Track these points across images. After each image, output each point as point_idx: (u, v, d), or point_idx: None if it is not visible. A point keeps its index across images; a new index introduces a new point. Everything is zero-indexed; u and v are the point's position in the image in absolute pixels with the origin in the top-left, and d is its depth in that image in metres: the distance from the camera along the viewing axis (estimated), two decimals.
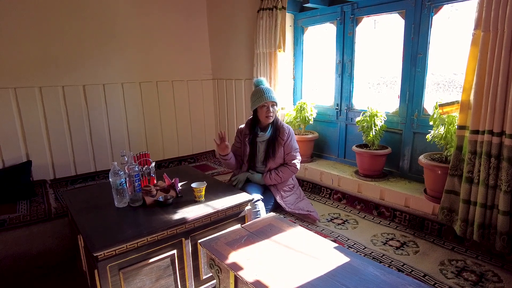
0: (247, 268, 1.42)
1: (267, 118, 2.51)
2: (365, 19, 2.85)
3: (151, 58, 3.74)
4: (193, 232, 1.88)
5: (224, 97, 4.10)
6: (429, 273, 1.81)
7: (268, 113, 2.49)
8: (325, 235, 2.22)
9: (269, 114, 2.49)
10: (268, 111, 2.48)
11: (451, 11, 2.44)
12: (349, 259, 1.49)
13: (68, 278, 2.36)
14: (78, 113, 3.35)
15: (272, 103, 2.48)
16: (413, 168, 2.64)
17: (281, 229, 1.77)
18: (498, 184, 1.83)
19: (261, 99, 2.46)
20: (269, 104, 2.47)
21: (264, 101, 2.46)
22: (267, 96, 2.45)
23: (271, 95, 2.47)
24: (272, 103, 2.48)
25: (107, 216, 1.90)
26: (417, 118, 2.55)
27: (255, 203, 2.28)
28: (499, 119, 1.80)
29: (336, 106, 3.12)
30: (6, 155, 3.02)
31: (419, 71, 2.48)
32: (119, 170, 1.95)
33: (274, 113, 2.52)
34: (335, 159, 3.22)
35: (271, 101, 2.46)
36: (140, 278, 1.70)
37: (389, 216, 2.44)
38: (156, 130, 3.92)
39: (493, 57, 1.79)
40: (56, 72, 3.18)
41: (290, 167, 2.51)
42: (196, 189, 2.04)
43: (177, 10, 3.83)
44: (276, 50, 3.12)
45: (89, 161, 3.48)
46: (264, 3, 3.14)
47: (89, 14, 3.28)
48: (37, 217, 2.51)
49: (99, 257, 1.55)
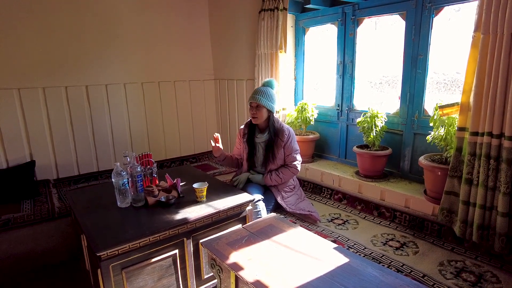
0: (248, 268, 1.44)
1: (252, 118, 2.52)
2: (366, 20, 2.86)
3: (153, 58, 3.76)
4: (195, 232, 1.90)
5: (225, 98, 4.12)
6: (428, 273, 1.83)
7: (251, 113, 2.49)
8: (325, 236, 2.23)
9: (253, 115, 2.49)
10: (251, 111, 2.49)
11: (452, 12, 2.45)
12: (349, 259, 1.50)
13: (71, 277, 2.39)
14: (81, 113, 3.38)
15: (256, 103, 2.45)
16: (414, 169, 2.65)
17: (281, 229, 1.78)
18: (497, 186, 1.84)
19: (249, 97, 2.51)
20: (253, 104, 2.47)
21: (249, 101, 2.49)
22: (253, 96, 2.47)
23: (257, 96, 2.45)
24: (256, 103, 2.45)
25: (109, 216, 1.92)
26: (417, 119, 2.56)
27: (256, 203, 2.30)
28: (498, 121, 1.81)
29: (337, 106, 3.13)
30: (10, 155, 3.05)
31: (419, 72, 2.49)
32: (122, 171, 1.97)
33: (259, 115, 2.47)
34: (336, 160, 3.24)
35: (254, 101, 2.45)
36: (143, 278, 1.72)
37: (389, 216, 2.46)
38: (158, 130, 3.95)
39: (492, 59, 1.80)
40: (59, 73, 3.21)
41: (290, 168, 2.53)
42: (197, 189, 2.06)
43: (179, 11, 3.85)
44: (277, 51, 3.14)
45: (92, 161, 3.51)
46: (265, 4, 3.15)
47: (92, 15, 3.31)
48: (41, 217, 2.54)
49: (102, 257, 1.57)
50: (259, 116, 2.48)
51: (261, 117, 2.49)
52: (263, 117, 2.50)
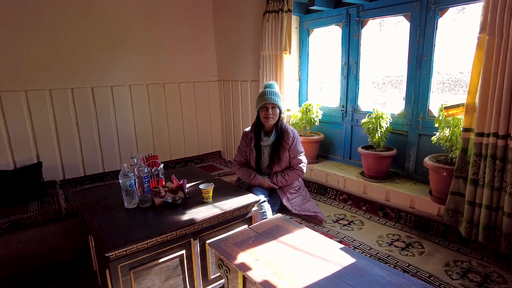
0: (255, 268, 1.46)
1: (266, 120, 2.51)
2: (371, 21, 2.86)
3: (158, 60, 3.78)
4: (202, 233, 1.92)
5: (230, 99, 4.14)
6: (434, 274, 1.83)
7: (267, 114, 2.49)
8: (331, 236, 2.24)
9: (268, 116, 2.49)
10: (267, 113, 2.49)
11: (457, 13, 2.45)
12: (355, 260, 1.51)
13: (79, 277, 2.41)
14: (87, 114, 3.40)
15: (272, 104, 2.47)
16: (419, 170, 2.65)
17: (287, 230, 1.80)
18: (503, 186, 1.85)
19: (262, 99, 2.49)
20: (269, 105, 2.47)
21: (264, 102, 2.48)
22: (268, 97, 2.46)
23: (272, 97, 2.47)
24: (272, 104, 2.47)
25: (117, 217, 1.93)
26: (422, 120, 2.56)
27: (262, 204, 2.31)
28: (504, 121, 1.81)
29: (342, 107, 3.14)
30: (17, 157, 3.08)
31: (424, 73, 2.50)
32: (129, 172, 1.99)
33: (274, 116, 2.51)
34: (340, 160, 3.24)
35: (271, 102, 2.46)
36: (150, 278, 1.74)
37: (394, 217, 2.46)
38: (163, 131, 3.97)
39: (498, 60, 1.80)
40: (65, 75, 3.23)
41: (296, 170, 2.54)
42: (204, 190, 2.07)
43: (184, 13, 3.87)
44: (282, 52, 3.15)
45: (98, 162, 3.54)
46: (270, 6, 3.17)
47: (98, 18, 3.34)
48: (48, 217, 2.57)
49: (111, 257, 1.59)
50: (274, 117, 2.51)
51: (275, 117, 2.53)
52: (276, 117, 2.53)
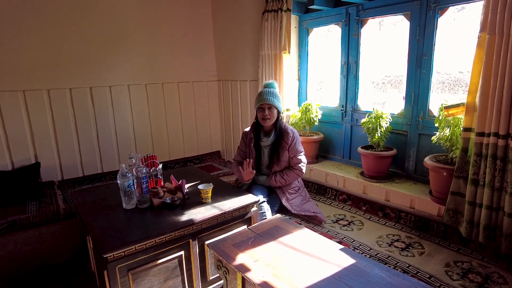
0: (254, 269, 1.45)
1: (263, 121, 2.49)
2: (370, 20, 2.85)
3: (157, 60, 3.77)
4: (200, 234, 1.90)
5: (229, 98, 4.12)
6: (435, 274, 1.82)
7: (264, 115, 2.47)
8: (330, 237, 2.23)
9: (265, 117, 2.46)
10: (263, 114, 2.46)
11: (457, 12, 2.44)
12: (355, 260, 1.50)
13: (77, 278, 2.40)
14: (85, 115, 3.39)
15: (268, 105, 2.44)
16: (419, 170, 2.64)
17: (287, 230, 1.78)
18: (504, 186, 1.84)
19: (258, 100, 2.48)
20: (265, 106, 2.45)
21: (260, 103, 2.46)
22: (264, 98, 2.44)
23: (268, 97, 2.44)
24: (268, 105, 2.44)
25: (115, 218, 1.92)
26: (422, 120, 2.55)
27: (261, 205, 2.30)
28: (504, 121, 1.80)
29: (341, 107, 3.13)
30: (15, 157, 3.06)
31: (424, 72, 2.49)
32: (127, 172, 1.98)
33: (272, 116, 2.48)
34: (340, 160, 3.23)
35: (267, 103, 2.43)
36: (149, 279, 1.73)
37: (394, 217, 2.45)
38: (162, 131, 3.95)
39: (498, 59, 1.79)
40: (63, 75, 3.22)
41: (295, 170, 2.52)
42: (203, 190, 2.06)
43: (183, 12, 3.85)
44: (281, 52, 3.14)
45: (96, 162, 3.52)
46: (269, 5, 3.16)
47: (96, 17, 3.32)
48: (46, 218, 2.55)
49: (109, 258, 1.57)
50: (271, 118, 2.49)
51: (273, 118, 2.50)
52: (274, 118, 2.50)
